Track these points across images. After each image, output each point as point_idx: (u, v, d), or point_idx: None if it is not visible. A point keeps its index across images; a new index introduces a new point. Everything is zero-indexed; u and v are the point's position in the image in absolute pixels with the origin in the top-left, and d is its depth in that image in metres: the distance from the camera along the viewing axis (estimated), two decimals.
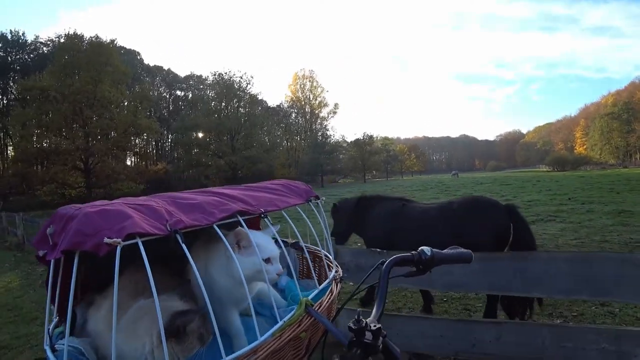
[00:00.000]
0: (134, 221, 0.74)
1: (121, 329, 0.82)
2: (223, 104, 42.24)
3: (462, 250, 1.10)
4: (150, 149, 46.90)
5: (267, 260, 1.01)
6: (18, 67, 36.82)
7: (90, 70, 28.32)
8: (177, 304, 0.87)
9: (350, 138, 55.72)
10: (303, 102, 56.60)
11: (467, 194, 15.74)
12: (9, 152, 37.53)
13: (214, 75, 43.21)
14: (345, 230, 3.90)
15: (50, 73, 28.56)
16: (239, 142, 40.26)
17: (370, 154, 53.02)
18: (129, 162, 40.21)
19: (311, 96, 56.93)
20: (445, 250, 1.08)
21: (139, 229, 0.73)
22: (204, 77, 51.73)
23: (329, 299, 1.09)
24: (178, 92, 54.63)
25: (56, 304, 0.93)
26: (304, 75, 57.49)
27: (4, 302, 4.91)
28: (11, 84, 37.52)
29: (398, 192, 18.51)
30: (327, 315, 1.05)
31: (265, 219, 1.02)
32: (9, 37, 37.15)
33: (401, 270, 1.13)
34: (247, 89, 42.93)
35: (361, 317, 0.80)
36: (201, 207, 0.91)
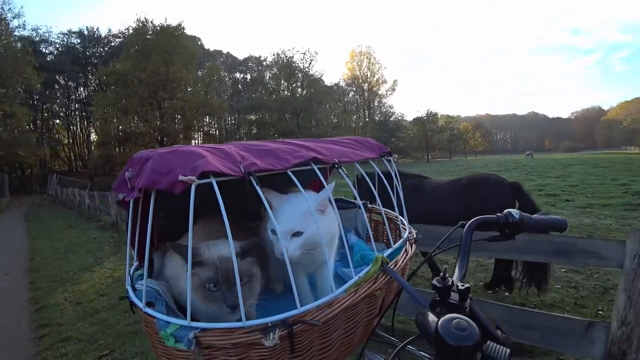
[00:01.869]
0: (208, 160, 0.71)
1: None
2: (285, 83, 42.66)
3: (555, 216, 0.96)
4: (213, 130, 49.12)
5: (273, 232, 0.86)
6: (95, 61, 40.28)
7: (162, 53, 30.10)
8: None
9: (409, 116, 53.84)
10: (361, 80, 55.44)
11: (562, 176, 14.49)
12: (91, 138, 41.82)
13: (274, 55, 43.81)
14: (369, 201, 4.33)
15: (125, 58, 30.93)
16: (304, 121, 40.04)
17: (434, 133, 50.91)
18: (194, 143, 42.64)
19: (369, 73, 55.55)
20: (535, 215, 0.96)
21: (212, 168, 0.70)
22: (262, 59, 52.78)
23: (404, 258, 1.00)
24: (237, 75, 56.33)
25: (136, 249, 0.95)
26: (361, 51, 56.16)
27: (115, 300, 3.96)
28: (90, 76, 41.44)
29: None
30: (401, 275, 0.96)
31: (340, 170, 0.95)
32: (86, 33, 40.91)
33: (483, 235, 1.02)
34: (310, 66, 42.94)
35: (447, 275, 0.71)
36: (274, 153, 0.86)
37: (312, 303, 0.73)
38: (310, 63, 42.70)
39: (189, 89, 34.86)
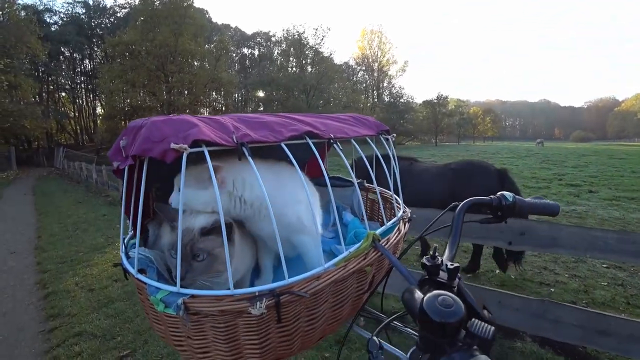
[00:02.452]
0: (200, 129, 0.71)
1: None
2: (294, 60, 41.92)
3: (548, 201, 0.98)
4: (219, 106, 48.77)
5: None
6: (101, 32, 39.67)
7: (170, 24, 29.48)
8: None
9: (418, 98, 53.26)
10: (371, 59, 54.49)
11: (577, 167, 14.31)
12: (97, 111, 41.84)
13: (284, 30, 42.99)
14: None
15: (132, 29, 30.42)
16: (314, 99, 39.30)
17: (443, 116, 50.33)
18: None
19: (379, 53, 54.57)
20: (528, 199, 0.97)
21: (205, 137, 0.69)
22: (271, 34, 51.90)
23: (396, 237, 1.01)
24: (245, 50, 55.49)
25: (131, 218, 0.96)
26: (372, 30, 55.02)
27: (132, 287, 3.57)
28: (95, 48, 40.96)
29: (491, 161, 16.73)
30: (392, 253, 0.97)
31: (335, 145, 0.94)
32: (91, 3, 40.23)
33: (475, 216, 1.04)
34: (321, 43, 42.07)
35: (437, 254, 0.71)
36: (269, 125, 0.86)
37: (301, 275, 0.74)
38: (322, 39, 41.79)
39: (196, 63, 34.38)
